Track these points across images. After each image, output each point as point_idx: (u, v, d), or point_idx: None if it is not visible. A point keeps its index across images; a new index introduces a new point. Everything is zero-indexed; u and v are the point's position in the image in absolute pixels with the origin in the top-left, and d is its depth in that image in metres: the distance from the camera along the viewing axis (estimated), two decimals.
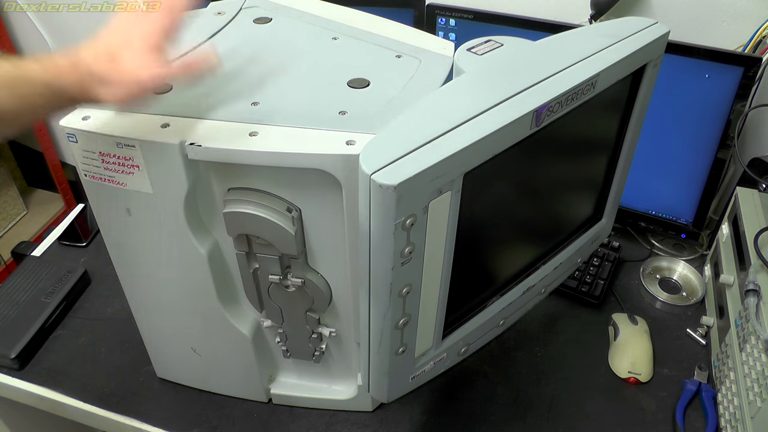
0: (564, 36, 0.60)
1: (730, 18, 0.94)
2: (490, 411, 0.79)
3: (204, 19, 0.74)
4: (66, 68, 0.50)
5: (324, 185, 0.56)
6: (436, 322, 0.57)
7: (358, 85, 0.62)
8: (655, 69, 0.63)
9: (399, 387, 0.59)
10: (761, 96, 0.95)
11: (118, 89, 0.51)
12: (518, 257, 0.67)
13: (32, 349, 0.86)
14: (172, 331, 0.75)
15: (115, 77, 0.51)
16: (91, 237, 1.06)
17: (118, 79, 0.51)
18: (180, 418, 0.78)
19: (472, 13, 0.97)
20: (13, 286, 0.93)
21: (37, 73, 0.49)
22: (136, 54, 0.51)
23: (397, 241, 0.45)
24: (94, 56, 0.51)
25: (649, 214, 1.01)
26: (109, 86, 0.51)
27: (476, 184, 0.50)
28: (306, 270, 0.65)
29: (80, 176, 0.62)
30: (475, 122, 0.47)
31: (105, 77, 0.50)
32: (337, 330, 0.71)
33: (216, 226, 0.64)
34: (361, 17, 0.75)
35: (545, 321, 0.91)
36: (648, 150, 0.94)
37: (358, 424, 0.77)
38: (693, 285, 0.97)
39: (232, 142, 0.55)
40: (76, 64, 0.51)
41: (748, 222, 0.83)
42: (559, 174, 0.65)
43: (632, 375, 0.82)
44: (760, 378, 0.67)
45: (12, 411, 0.93)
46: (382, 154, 0.43)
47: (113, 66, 0.51)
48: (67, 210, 1.85)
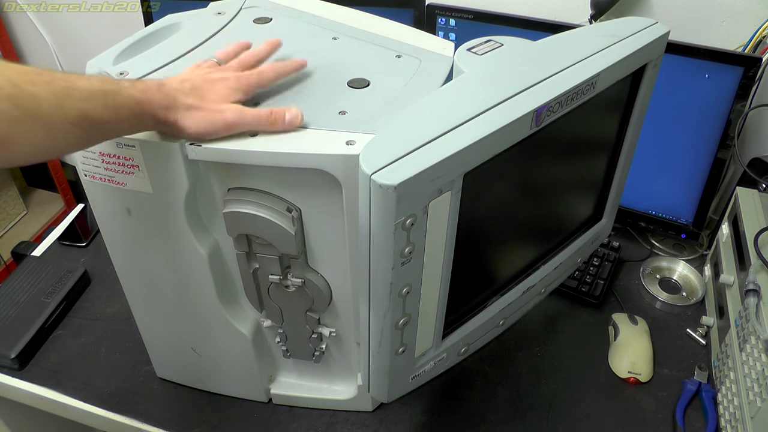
0: (564, 36, 0.60)
1: (730, 18, 0.94)
2: (490, 411, 0.79)
3: (204, 19, 0.74)
4: (153, 86, 0.52)
5: (324, 185, 0.56)
6: (436, 322, 0.57)
7: (358, 85, 0.62)
8: (655, 69, 0.63)
9: (399, 387, 0.59)
10: (761, 96, 0.95)
11: (201, 118, 0.54)
12: (518, 257, 0.67)
13: (32, 349, 0.86)
14: (172, 331, 0.75)
15: (199, 105, 0.54)
16: (91, 237, 1.06)
17: (203, 107, 0.54)
18: (180, 418, 0.78)
19: (472, 13, 0.97)
20: (13, 286, 0.93)
21: (127, 87, 0.50)
22: (220, 91, 0.55)
23: (397, 241, 0.45)
24: (179, 83, 0.55)
25: (649, 214, 1.01)
26: (194, 113, 0.53)
27: (476, 184, 0.50)
28: (306, 270, 0.65)
29: (80, 176, 0.62)
30: (475, 122, 0.47)
31: (190, 103, 0.53)
32: (337, 330, 0.71)
33: (216, 226, 0.64)
34: (361, 17, 0.75)
35: (545, 321, 0.91)
36: (648, 150, 0.94)
37: (358, 424, 0.77)
38: (693, 285, 0.97)
39: (232, 142, 0.55)
40: (163, 84, 0.54)
41: (748, 222, 0.83)
42: (559, 174, 0.65)
43: (632, 375, 0.82)
44: (760, 378, 0.67)
45: (12, 411, 0.93)
46: (382, 154, 0.43)
47: (197, 95, 0.54)
48: (67, 210, 1.85)
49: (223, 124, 0.54)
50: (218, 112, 0.54)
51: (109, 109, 0.49)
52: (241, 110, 0.55)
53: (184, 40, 0.69)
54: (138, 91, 0.51)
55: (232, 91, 0.56)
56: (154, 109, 0.52)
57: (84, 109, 0.47)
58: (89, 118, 0.48)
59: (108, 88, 0.49)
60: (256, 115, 0.55)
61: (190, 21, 0.73)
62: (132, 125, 0.52)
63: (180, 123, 0.53)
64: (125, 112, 0.50)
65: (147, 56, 0.65)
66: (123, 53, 0.65)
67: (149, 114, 0.52)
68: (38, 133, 0.45)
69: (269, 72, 0.60)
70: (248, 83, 0.58)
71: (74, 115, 0.47)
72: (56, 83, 0.46)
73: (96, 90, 0.48)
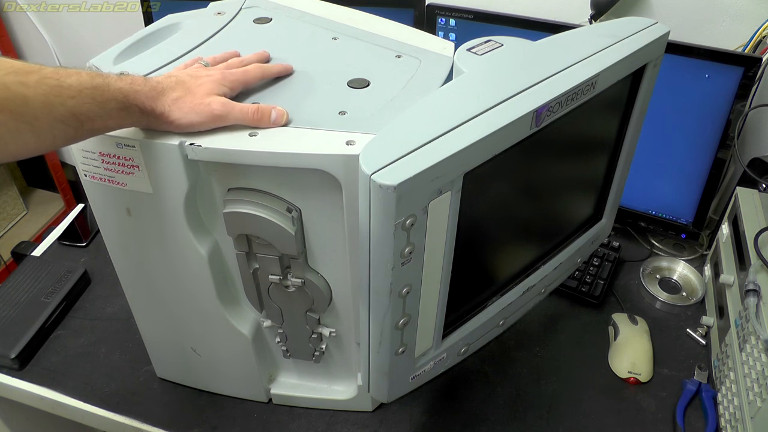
0: (564, 36, 0.60)
1: (730, 18, 0.94)
2: (490, 411, 0.79)
3: (204, 19, 0.74)
4: (140, 79, 0.53)
5: (324, 185, 0.56)
6: (436, 322, 0.57)
7: (358, 85, 0.62)
8: (655, 69, 0.63)
9: (399, 387, 0.59)
10: (761, 96, 0.95)
11: (188, 109, 0.54)
12: (518, 257, 0.67)
13: (32, 349, 0.86)
14: (172, 331, 0.75)
15: (186, 96, 0.54)
16: (91, 237, 1.06)
17: (190, 98, 0.54)
18: (180, 418, 0.78)
19: (472, 13, 0.97)
20: (13, 286, 0.93)
21: (115, 81, 0.51)
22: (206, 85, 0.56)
23: (397, 241, 0.45)
24: (165, 78, 0.55)
25: (649, 214, 1.01)
26: (181, 105, 0.54)
27: (476, 184, 0.50)
28: (306, 270, 0.65)
29: (80, 176, 0.62)
30: (475, 122, 0.47)
31: (176, 95, 0.54)
32: (337, 330, 0.71)
33: (216, 226, 0.64)
34: (361, 17, 0.75)
35: (545, 321, 0.91)
36: (648, 150, 0.94)
37: (358, 424, 0.77)
38: (693, 285, 0.97)
39: (232, 142, 0.55)
40: (150, 78, 0.54)
41: (748, 222, 0.83)
42: (559, 174, 0.65)
43: (632, 375, 0.82)
44: (760, 378, 0.67)
45: (12, 411, 0.93)
46: (382, 154, 0.43)
47: (183, 88, 0.55)
48: (67, 210, 1.85)
49: (210, 116, 0.55)
50: (205, 104, 0.55)
51: (97, 105, 0.49)
52: (227, 103, 0.56)
53: (184, 40, 0.69)
54: (125, 84, 0.51)
55: (218, 85, 0.56)
56: (141, 100, 0.52)
57: (73, 107, 0.47)
58: (77, 115, 0.48)
59: (97, 83, 0.49)
60: (243, 110, 0.56)
61: (190, 21, 0.73)
62: (120, 119, 0.52)
63: (167, 114, 0.54)
64: (113, 105, 0.50)
65: (147, 56, 0.65)
66: (123, 53, 0.65)
67: (136, 106, 0.52)
68: (25, 134, 0.46)
69: (255, 70, 0.61)
70: (234, 79, 0.58)
71: (62, 113, 0.47)
72: (46, 82, 0.46)
73: (85, 86, 0.48)
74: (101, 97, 0.49)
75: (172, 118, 0.54)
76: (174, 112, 0.54)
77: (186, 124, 0.55)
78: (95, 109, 0.49)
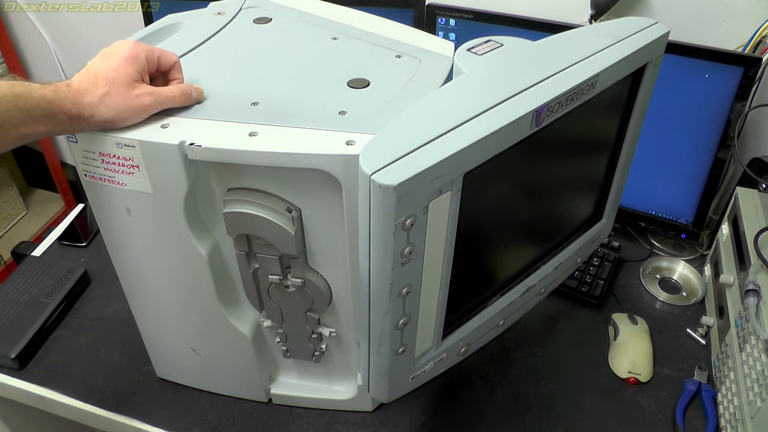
0: (564, 36, 0.60)
1: (730, 18, 0.94)
2: (490, 411, 0.79)
3: (204, 19, 0.74)
4: (62, 86, 0.54)
5: (324, 185, 0.56)
6: (436, 322, 0.57)
7: (358, 85, 0.62)
8: (655, 69, 0.63)
9: (399, 387, 0.59)
10: (761, 96, 0.95)
11: (116, 104, 0.55)
12: (518, 257, 0.67)
13: (32, 349, 0.86)
14: (172, 331, 0.75)
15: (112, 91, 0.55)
16: (91, 237, 1.06)
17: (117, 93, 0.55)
18: (180, 418, 0.78)
19: (472, 13, 0.97)
20: (13, 286, 0.93)
21: (38, 89, 0.52)
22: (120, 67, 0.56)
23: (397, 241, 0.45)
24: (82, 75, 0.56)
25: (649, 214, 1.01)
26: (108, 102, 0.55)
27: (476, 184, 0.50)
28: (306, 270, 0.65)
29: (80, 176, 0.62)
30: (475, 122, 0.47)
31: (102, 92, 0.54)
32: (337, 330, 0.71)
33: (216, 226, 0.64)
34: (361, 17, 0.75)
35: (545, 321, 0.91)
36: (648, 150, 0.94)
37: (358, 424, 0.77)
38: (693, 285, 0.97)
39: (232, 142, 0.55)
40: (71, 82, 0.55)
41: (748, 222, 0.83)
42: (559, 174, 0.65)
43: (632, 375, 0.82)
44: (760, 378, 0.67)
45: (12, 411, 0.93)
46: (382, 154, 0.43)
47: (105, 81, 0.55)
48: (67, 210, 1.85)
49: (140, 109, 0.56)
50: (133, 98, 0.55)
51: (20, 112, 0.50)
52: (154, 92, 0.57)
53: (184, 40, 0.69)
54: (49, 91, 0.52)
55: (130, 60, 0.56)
56: (67, 107, 0.53)
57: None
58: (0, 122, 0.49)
59: (18, 91, 0.50)
60: (169, 95, 0.58)
61: (190, 21, 0.73)
62: (49, 125, 0.53)
63: (96, 115, 0.54)
64: (37, 113, 0.51)
65: None
66: None
67: (63, 113, 0.53)
68: None
69: None
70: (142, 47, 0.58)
71: None
72: None
73: (6, 94, 0.50)
74: (24, 105, 0.50)
75: (102, 118, 0.55)
76: (103, 112, 0.55)
77: (119, 120, 0.56)
78: (19, 116, 0.50)
